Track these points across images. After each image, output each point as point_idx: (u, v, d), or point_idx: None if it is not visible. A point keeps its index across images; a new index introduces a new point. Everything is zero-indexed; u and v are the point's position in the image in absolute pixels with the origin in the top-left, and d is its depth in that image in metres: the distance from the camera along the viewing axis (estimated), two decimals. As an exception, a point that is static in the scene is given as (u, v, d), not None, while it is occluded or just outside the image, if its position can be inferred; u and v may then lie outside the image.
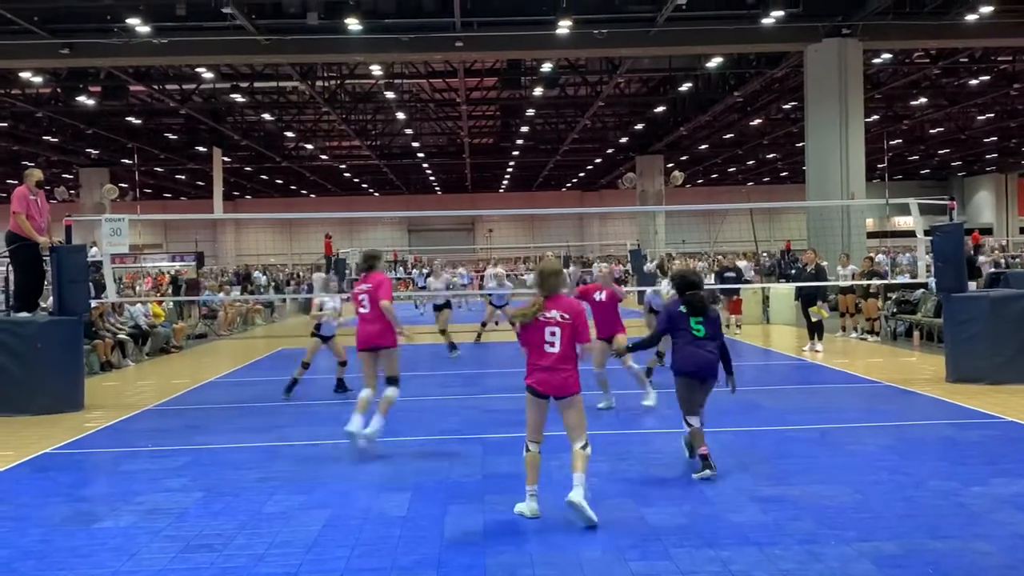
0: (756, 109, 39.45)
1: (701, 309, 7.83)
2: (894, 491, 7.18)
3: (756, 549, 5.87)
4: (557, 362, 6.56)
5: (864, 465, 8.08)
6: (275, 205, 68.34)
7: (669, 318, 8.00)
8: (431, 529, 6.43)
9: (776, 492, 7.19)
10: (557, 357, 6.56)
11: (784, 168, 59.34)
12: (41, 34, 23.26)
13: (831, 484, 7.40)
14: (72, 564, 5.90)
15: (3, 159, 46.08)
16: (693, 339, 7.78)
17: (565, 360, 6.59)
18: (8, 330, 11.98)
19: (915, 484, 7.37)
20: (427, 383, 13.81)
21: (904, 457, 8.36)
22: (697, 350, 7.77)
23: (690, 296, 7.87)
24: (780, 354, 17.38)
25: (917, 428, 9.84)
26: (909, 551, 5.78)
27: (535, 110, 39.12)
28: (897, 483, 7.42)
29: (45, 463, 9.01)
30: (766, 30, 24.09)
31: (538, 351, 6.62)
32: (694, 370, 7.79)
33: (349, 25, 22.86)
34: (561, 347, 6.56)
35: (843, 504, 6.84)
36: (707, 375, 7.81)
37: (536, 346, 6.63)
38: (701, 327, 7.76)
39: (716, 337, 7.87)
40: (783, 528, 6.29)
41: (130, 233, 14.00)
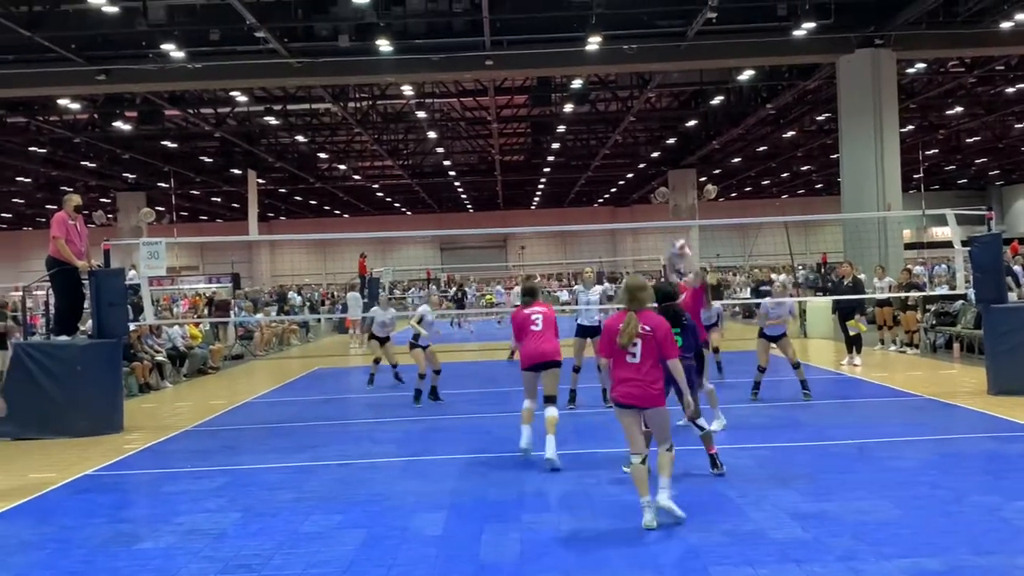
0: (789, 121, 39.23)
1: (678, 320, 8.15)
2: (935, 506, 7.07)
3: (795, 566, 5.81)
4: (638, 374, 6.83)
5: (904, 480, 7.97)
6: (309, 226, 68.84)
7: None
8: (468, 549, 6.42)
9: (815, 508, 7.11)
10: (637, 368, 6.83)
11: (819, 180, 58.87)
12: (78, 61, 23.67)
13: (871, 499, 7.30)
14: (113, 585, 5.97)
15: (42, 184, 46.86)
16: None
17: (647, 372, 6.84)
18: (49, 353, 12.15)
19: (956, 499, 7.26)
20: (462, 400, 13.83)
21: (945, 472, 8.24)
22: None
23: (667, 307, 8.19)
24: (818, 368, 17.20)
25: (958, 442, 9.69)
26: (951, 568, 5.69)
27: (566, 126, 39.16)
28: (938, 498, 7.31)
29: (86, 484, 9.11)
30: (798, 42, 23.97)
31: (620, 363, 6.90)
32: None
33: (380, 47, 23.05)
34: (641, 358, 6.84)
35: (883, 520, 6.75)
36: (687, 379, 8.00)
37: (619, 358, 6.90)
38: (679, 338, 8.01)
39: (692, 347, 8.34)
40: (823, 544, 6.22)
41: (167, 256, 14.16)
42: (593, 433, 10.77)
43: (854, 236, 25.21)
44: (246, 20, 20.56)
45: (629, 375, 6.87)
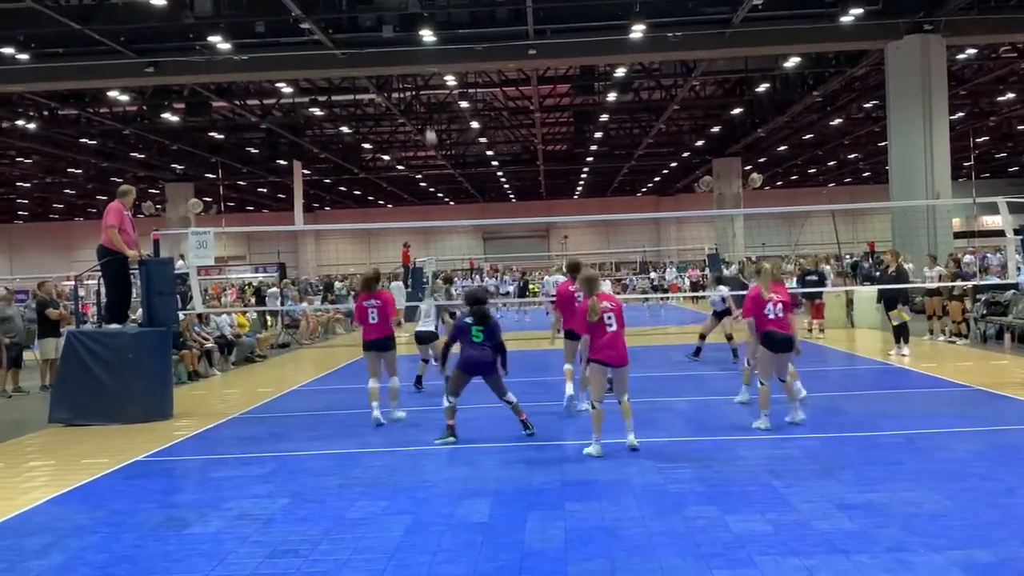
0: (836, 109, 38.71)
1: (483, 320, 9.84)
2: (985, 498, 6.97)
3: (843, 557, 5.77)
4: (616, 341, 8.98)
5: (954, 471, 7.87)
6: (353, 216, 69.34)
7: (458, 328, 10.01)
8: (512, 536, 6.45)
9: (862, 499, 7.05)
10: (615, 336, 8.98)
11: (866, 168, 58.07)
12: (127, 54, 24.02)
13: (919, 491, 7.22)
14: (165, 568, 6.09)
15: (93, 176, 47.66)
16: (472, 343, 9.80)
17: (620, 338, 9.02)
18: (101, 341, 12.38)
19: (1007, 491, 7.15)
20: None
21: (996, 463, 8.11)
22: (472, 352, 9.82)
23: (475, 309, 9.89)
24: (865, 358, 17.01)
25: (1010, 433, 9.53)
26: (1003, 560, 5.61)
27: (609, 115, 39.01)
28: (988, 490, 7.21)
29: (137, 470, 9.29)
30: (845, 28, 23.64)
31: (600, 333, 8.94)
32: (467, 366, 9.84)
33: (423, 37, 23.12)
34: (617, 327, 8.99)
35: (932, 511, 6.67)
36: (476, 370, 9.85)
37: (598, 330, 8.93)
38: (480, 334, 9.79)
39: (489, 342, 9.84)
40: (870, 535, 6.16)
41: (215, 245, 14.34)
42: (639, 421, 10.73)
43: (902, 225, 24.84)
44: (291, 12, 20.73)
45: (608, 342, 8.90)
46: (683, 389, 13.36)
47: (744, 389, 11.74)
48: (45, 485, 8.65)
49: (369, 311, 11.53)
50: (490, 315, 10.05)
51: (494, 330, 9.95)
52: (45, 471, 9.43)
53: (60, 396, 12.32)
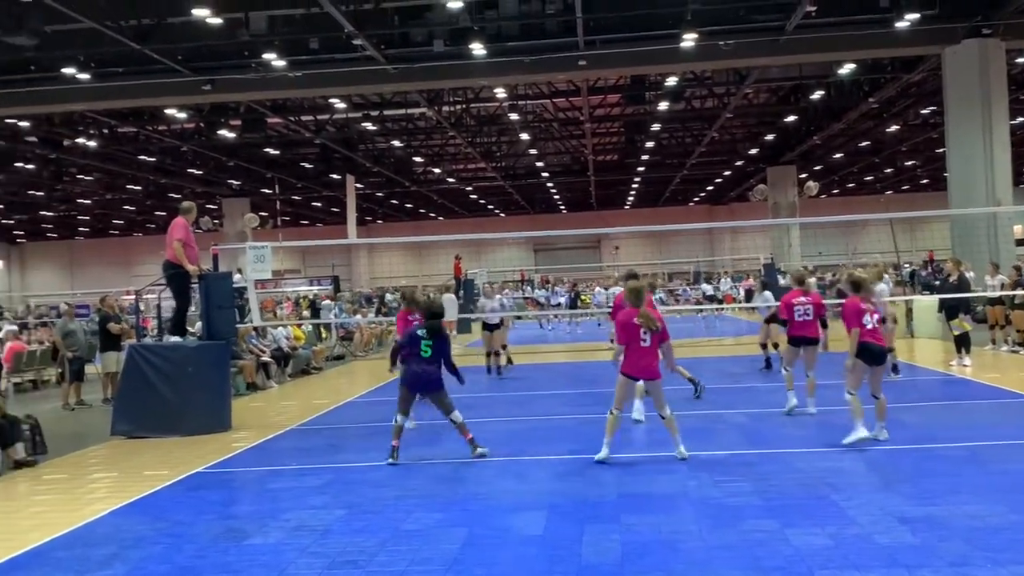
0: (893, 115, 38.12)
1: (436, 333, 9.61)
2: (1054, 512, 6.80)
3: (905, 571, 5.67)
4: (649, 355, 8.99)
5: (1018, 484, 7.69)
6: (405, 228, 69.81)
7: (410, 337, 9.78)
8: (569, 549, 6.43)
9: (923, 512, 6.92)
10: (649, 350, 8.98)
11: (924, 175, 57.06)
12: (185, 72, 24.49)
13: (982, 504, 7.07)
14: (225, 579, 6.18)
15: (152, 192, 48.62)
16: (419, 359, 9.55)
17: (654, 354, 9.03)
18: (161, 355, 12.61)
19: (1078, 505, 6.97)
20: (559, 401, 13.85)
21: (1064, 476, 7.91)
22: (416, 368, 9.58)
23: (430, 324, 9.67)
24: (925, 369, 16.69)
25: (1078, 445, 9.29)
26: (1073, 576, 5.47)
27: (660, 124, 38.82)
28: (1057, 504, 7.03)
29: (197, 481, 9.43)
30: (901, 33, 23.27)
31: (635, 348, 8.97)
32: (410, 383, 9.66)
33: (474, 50, 23.24)
34: (651, 343, 9.00)
35: (996, 525, 6.52)
36: (421, 389, 9.66)
37: (633, 343, 8.97)
38: (429, 349, 9.51)
39: (437, 359, 9.61)
40: (932, 550, 6.05)
41: (272, 259, 14.54)
42: (693, 435, 10.66)
43: (962, 233, 24.35)
44: (344, 28, 20.98)
45: (642, 356, 8.90)
46: (738, 401, 13.23)
47: (790, 395, 11.61)
48: (108, 496, 8.82)
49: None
50: (443, 330, 9.82)
51: (443, 346, 9.75)
52: (108, 483, 9.61)
53: (122, 409, 12.56)
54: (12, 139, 34.19)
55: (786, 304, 11.76)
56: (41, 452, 11.33)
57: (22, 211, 54.12)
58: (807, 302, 11.53)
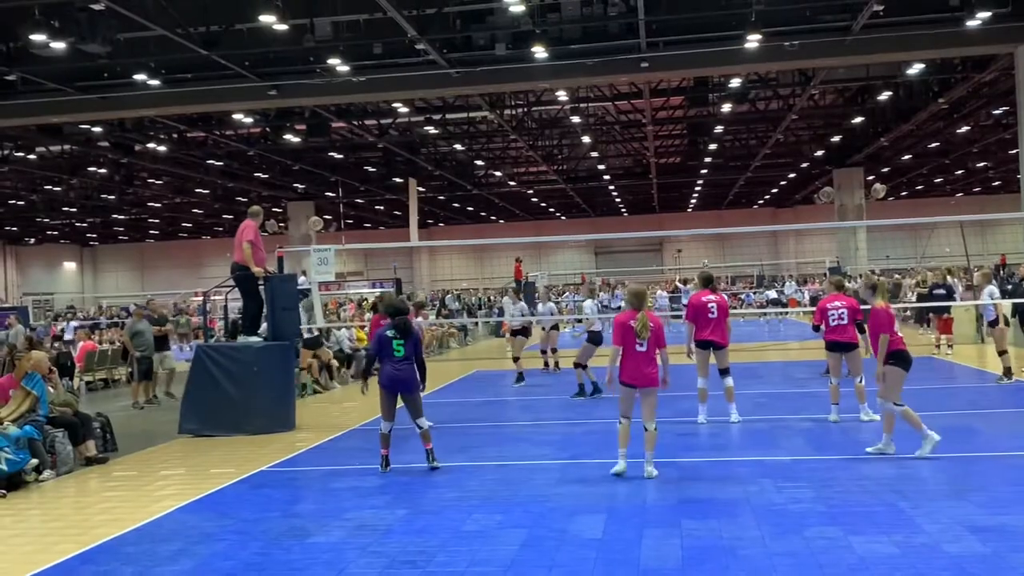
0: (963, 116, 37.21)
1: (405, 333, 9.44)
2: None
3: (975, 583, 5.53)
4: (645, 361, 8.53)
5: (1096, 495, 7.45)
6: (466, 232, 70.11)
7: (379, 340, 9.63)
8: (628, 553, 6.40)
9: (994, 521, 6.74)
10: (645, 356, 8.53)
11: (996, 177, 55.57)
12: (251, 78, 24.88)
13: (1058, 515, 6.86)
14: (288, 576, 6.26)
15: (219, 196, 49.53)
16: (392, 359, 9.43)
17: (650, 360, 8.57)
18: (228, 355, 12.85)
19: None
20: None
21: None
22: (393, 369, 9.46)
23: (396, 321, 9.46)
24: (996, 375, 16.25)
25: None
26: None
27: (723, 126, 38.40)
28: None
29: (262, 480, 9.58)
30: (971, 32, 22.69)
31: (630, 352, 8.54)
32: (387, 383, 9.51)
33: (536, 53, 23.24)
34: (648, 348, 8.53)
35: (1073, 537, 6.32)
36: (399, 388, 9.54)
37: (629, 348, 8.54)
38: (402, 348, 9.40)
39: (411, 357, 9.51)
40: (1004, 560, 5.89)
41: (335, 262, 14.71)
42: (758, 439, 10.55)
43: (1037, 235, 23.69)
44: (407, 33, 21.13)
45: (639, 362, 8.47)
46: (803, 407, 13.02)
47: (833, 409, 11.40)
48: (176, 493, 9.00)
49: None
50: (412, 327, 9.69)
51: (416, 344, 9.65)
52: (176, 480, 9.81)
53: (189, 408, 12.82)
54: (85, 144, 35.09)
55: (820, 310, 11.62)
56: (112, 449, 11.62)
57: (94, 214, 55.52)
58: (841, 306, 11.34)
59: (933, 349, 20.20)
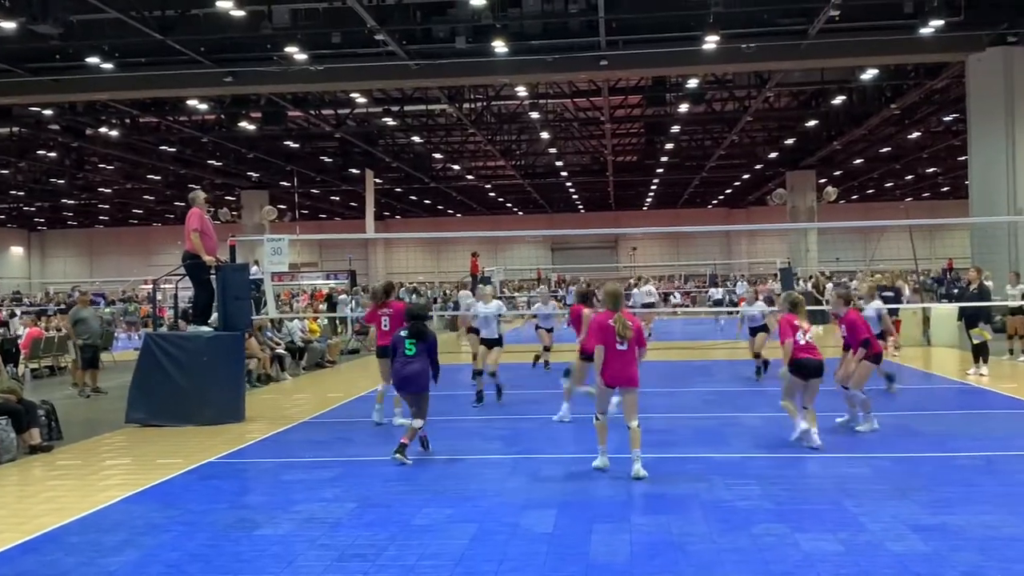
0: (915, 122, 37.84)
1: (418, 335, 9.79)
2: (1069, 525, 6.75)
3: (916, 580, 5.64)
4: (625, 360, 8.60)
5: (1035, 496, 7.63)
6: (423, 224, 69.92)
7: (393, 342, 10.08)
8: (577, 547, 6.43)
9: (937, 521, 6.88)
10: (625, 355, 8.59)
11: (945, 183, 56.65)
12: (207, 64, 24.58)
13: (997, 514, 7.02)
14: (236, 569, 6.20)
15: (171, 182, 48.84)
16: (404, 357, 9.76)
17: (630, 359, 8.65)
18: (177, 344, 12.68)
19: (1093, 518, 6.92)
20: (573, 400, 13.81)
21: (1080, 489, 7.85)
22: (402, 366, 9.75)
23: (411, 324, 9.91)
24: (941, 377, 16.60)
25: (1095, 458, 9.22)
26: (1087, 589, 5.42)
27: (680, 126, 38.69)
28: (1073, 516, 6.97)
29: (210, 471, 9.48)
30: (925, 40, 23.11)
31: (611, 352, 8.57)
32: (399, 383, 9.87)
33: (496, 48, 23.23)
34: (628, 348, 8.63)
35: (1011, 535, 6.48)
36: (406, 386, 9.82)
37: (610, 348, 8.57)
38: (413, 347, 9.74)
39: (421, 354, 9.77)
40: (945, 559, 6.01)
41: (289, 252, 14.58)
42: (708, 437, 10.66)
43: (983, 241, 24.17)
44: (367, 23, 21.01)
45: (619, 361, 8.52)
46: (752, 405, 13.18)
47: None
48: (121, 483, 8.88)
49: (382, 318, 11.94)
50: (427, 332, 9.92)
51: (431, 347, 9.84)
52: (121, 469, 9.68)
53: (137, 397, 12.62)
54: (35, 127, 34.41)
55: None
56: (57, 438, 11.43)
57: (43, 199, 54.48)
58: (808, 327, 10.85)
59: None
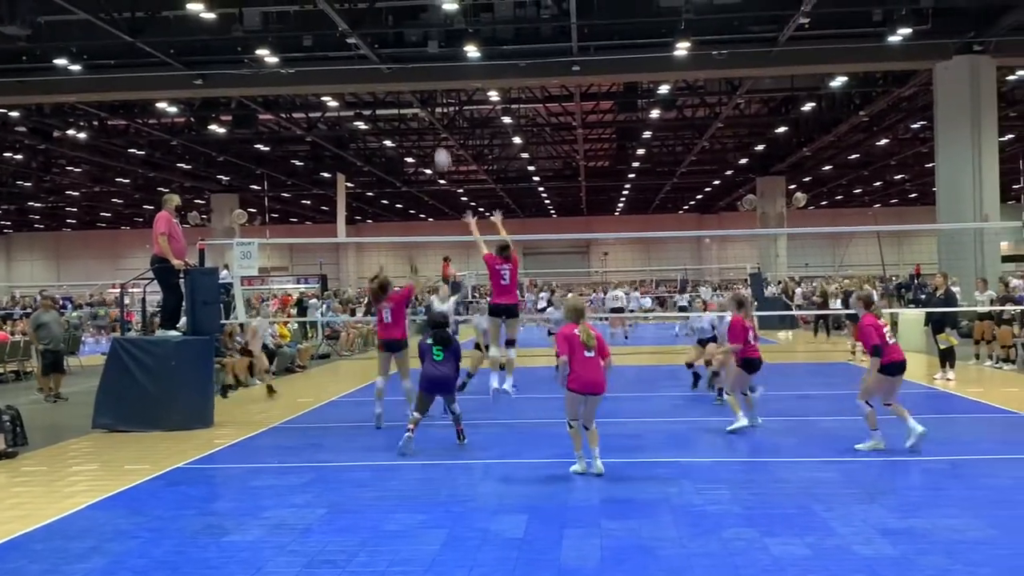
0: (883, 129, 38.30)
1: (444, 342, 10.46)
2: (1033, 527, 6.83)
3: (884, 584, 5.68)
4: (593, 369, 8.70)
5: (1000, 499, 7.72)
6: (395, 229, 69.74)
7: (421, 349, 10.56)
8: (548, 553, 6.43)
9: (904, 524, 6.94)
10: (592, 363, 8.71)
11: (913, 189, 57.34)
12: (177, 66, 24.40)
13: (963, 517, 7.10)
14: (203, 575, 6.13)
15: (140, 185, 48.44)
16: (432, 363, 10.34)
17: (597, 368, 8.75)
18: (145, 349, 12.55)
19: (1057, 521, 7.01)
20: (545, 405, 13.82)
21: (1044, 492, 7.95)
22: (433, 370, 10.31)
23: (435, 332, 10.59)
24: (909, 382, 16.65)
25: (1059, 462, 9.34)
26: (1051, 591, 5.49)
27: (652, 132, 38.91)
28: (1036, 519, 7.06)
29: (178, 477, 9.38)
30: (893, 48, 23.39)
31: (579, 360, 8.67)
32: (427, 386, 10.31)
33: (468, 52, 23.24)
34: (595, 356, 8.73)
35: (976, 538, 6.55)
36: (436, 389, 10.40)
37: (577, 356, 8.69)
38: (441, 354, 10.38)
39: (448, 361, 10.43)
40: (912, 563, 6.06)
41: (259, 256, 14.48)
42: (679, 441, 10.69)
43: (949, 247, 24.47)
44: (338, 26, 20.94)
45: (586, 368, 8.65)
46: (722, 409, 13.22)
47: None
48: (88, 490, 8.77)
49: (383, 312, 12.17)
50: (452, 339, 10.70)
51: (456, 352, 10.61)
52: (88, 476, 9.55)
53: (104, 402, 12.47)
54: (1, 129, 34.01)
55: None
56: (22, 443, 11.25)
57: (9, 201, 53.83)
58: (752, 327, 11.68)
59: (849, 355, 20.72)
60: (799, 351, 24.35)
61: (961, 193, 24.76)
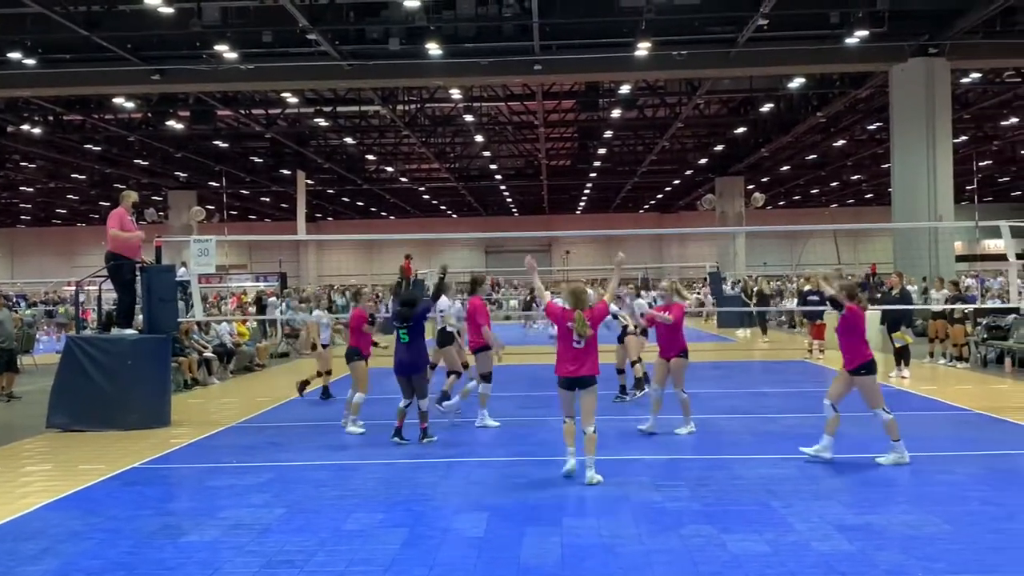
0: (840, 130, 38.80)
1: (405, 317, 10.31)
2: (985, 522, 6.95)
3: (840, 579, 5.74)
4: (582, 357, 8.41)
5: (953, 495, 7.84)
6: (356, 227, 69.37)
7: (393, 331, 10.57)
8: (508, 551, 6.42)
9: (861, 521, 7.02)
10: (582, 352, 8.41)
11: (869, 190, 58.13)
12: (133, 61, 24.08)
13: (918, 514, 7.20)
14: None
15: (96, 182, 47.74)
16: (400, 345, 10.38)
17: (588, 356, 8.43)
18: (100, 347, 12.36)
19: (1008, 516, 7.13)
20: (507, 404, 13.82)
21: (996, 488, 8.09)
22: (400, 355, 10.39)
23: (399, 311, 10.44)
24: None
25: (1010, 458, 9.51)
26: (1002, 585, 5.58)
27: (613, 132, 39.08)
28: (989, 514, 7.18)
29: (134, 477, 9.26)
30: (850, 50, 23.69)
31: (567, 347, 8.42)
32: (397, 368, 10.41)
33: (430, 50, 23.18)
34: (586, 346, 8.42)
35: (931, 534, 6.64)
36: (406, 370, 10.38)
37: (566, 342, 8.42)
38: (406, 335, 10.33)
39: (414, 342, 10.34)
40: (869, 558, 6.14)
41: (217, 253, 14.31)
42: (640, 438, 10.74)
43: (904, 247, 24.85)
44: (298, 22, 20.80)
45: (574, 357, 8.35)
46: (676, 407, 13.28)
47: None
48: (41, 490, 8.62)
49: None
50: (414, 307, 10.47)
51: (420, 327, 10.49)
52: (41, 476, 9.40)
53: (58, 401, 12.28)
54: (-48, 123, 33.38)
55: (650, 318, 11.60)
56: (-28, 444, 11.06)
57: (-39, 197, 52.90)
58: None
59: (806, 353, 20.94)
60: (756, 349, 24.56)
61: (916, 193, 25.14)
